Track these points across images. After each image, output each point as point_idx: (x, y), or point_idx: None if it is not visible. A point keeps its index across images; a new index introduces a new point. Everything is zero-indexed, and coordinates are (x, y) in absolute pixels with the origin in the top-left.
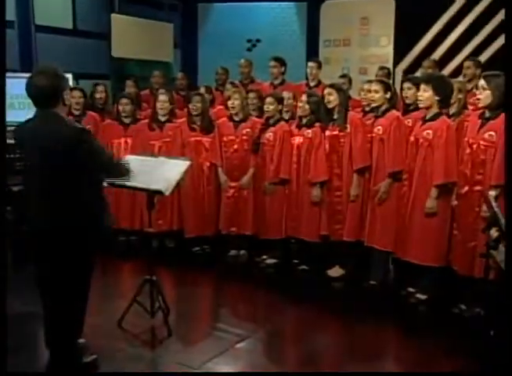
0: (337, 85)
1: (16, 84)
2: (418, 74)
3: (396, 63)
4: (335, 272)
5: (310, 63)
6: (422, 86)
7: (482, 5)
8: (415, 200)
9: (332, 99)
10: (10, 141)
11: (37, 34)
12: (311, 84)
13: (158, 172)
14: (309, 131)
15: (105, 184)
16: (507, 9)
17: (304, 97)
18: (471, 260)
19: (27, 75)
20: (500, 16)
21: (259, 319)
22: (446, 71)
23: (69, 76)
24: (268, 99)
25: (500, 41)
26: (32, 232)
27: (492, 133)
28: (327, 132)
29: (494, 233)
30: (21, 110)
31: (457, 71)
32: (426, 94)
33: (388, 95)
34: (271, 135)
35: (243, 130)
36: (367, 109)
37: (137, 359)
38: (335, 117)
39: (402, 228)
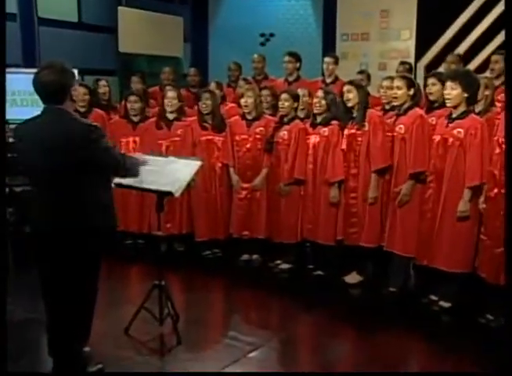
0: (356, 82)
1: (19, 80)
2: (441, 69)
3: (418, 58)
4: (352, 278)
5: (326, 59)
6: (448, 84)
7: None
8: (445, 203)
9: (351, 96)
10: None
11: (40, 27)
12: (328, 80)
13: (168, 173)
14: (325, 129)
15: (112, 185)
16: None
17: (319, 94)
18: (498, 266)
19: (30, 70)
20: None
21: (273, 326)
22: (471, 66)
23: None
24: (284, 96)
25: None
26: (34, 234)
27: None
28: (345, 131)
29: None
30: (24, 107)
31: (483, 66)
32: (454, 92)
33: (411, 92)
34: (285, 133)
35: (256, 129)
36: (387, 107)
37: (145, 368)
38: (354, 115)
39: (426, 232)
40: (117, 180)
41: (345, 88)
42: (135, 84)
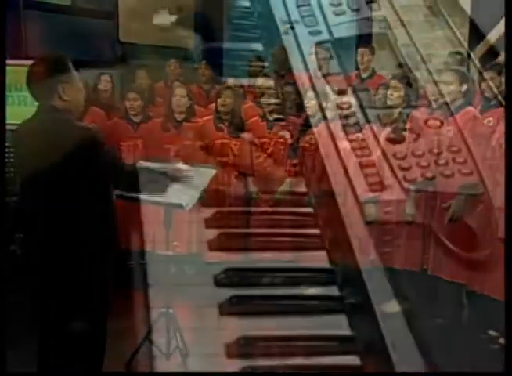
0: (405, 80)
1: None
2: (501, 59)
3: (472, 46)
4: (391, 306)
5: (360, 49)
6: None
7: None
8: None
9: (396, 96)
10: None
11: (26, 11)
12: (364, 75)
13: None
14: (359, 134)
15: (114, 196)
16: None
17: (349, 92)
18: None
19: (14, 62)
20: None
21: (297, 360)
22: None
23: None
24: (309, 94)
25: None
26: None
27: None
28: (382, 135)
29: None
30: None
31: None
32: None
33: (463, 88)
34: (312, 137)
35: (278, 131)
36: (435, 106)
37: None
38: (394, 116)
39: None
40: (118, 191)
41: (392, 83)
42: (141, 79)
